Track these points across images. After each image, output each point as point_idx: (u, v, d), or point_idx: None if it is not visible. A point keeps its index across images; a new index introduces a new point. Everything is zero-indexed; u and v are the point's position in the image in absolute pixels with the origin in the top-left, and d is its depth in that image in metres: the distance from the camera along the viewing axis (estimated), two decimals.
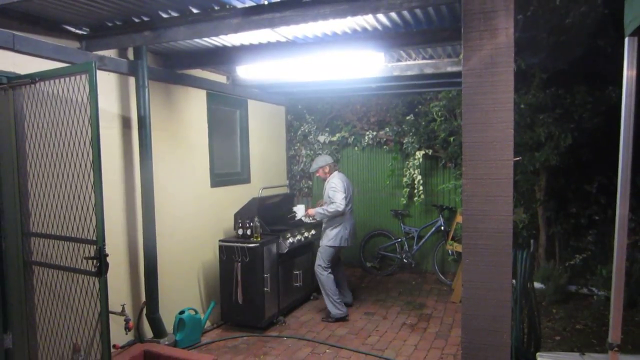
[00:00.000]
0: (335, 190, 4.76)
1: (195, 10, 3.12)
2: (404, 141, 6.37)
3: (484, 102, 2.16)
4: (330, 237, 4.81)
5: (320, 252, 4.86)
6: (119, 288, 3.78)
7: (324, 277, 4.76)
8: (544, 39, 4.65)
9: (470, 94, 2.19)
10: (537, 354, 2.88)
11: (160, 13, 3.17)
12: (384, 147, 6.69)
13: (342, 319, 4.77)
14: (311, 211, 4.98)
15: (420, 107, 6.23)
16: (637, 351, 3.70)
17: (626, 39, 2.01)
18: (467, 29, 2.16)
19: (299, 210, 5.35)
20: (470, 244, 2.24)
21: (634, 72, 2.01)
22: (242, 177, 5.63)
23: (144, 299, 3.98)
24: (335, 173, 4.99)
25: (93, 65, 2.74)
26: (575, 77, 4.90)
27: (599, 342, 4.02)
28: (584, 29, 4.41)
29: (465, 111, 2.21)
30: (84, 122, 2.85)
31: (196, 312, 4.30)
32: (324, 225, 4.96)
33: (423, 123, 6.17)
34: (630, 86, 2.01)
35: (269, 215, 5.02)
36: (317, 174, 5.06)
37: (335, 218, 4.82)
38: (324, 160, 5.04)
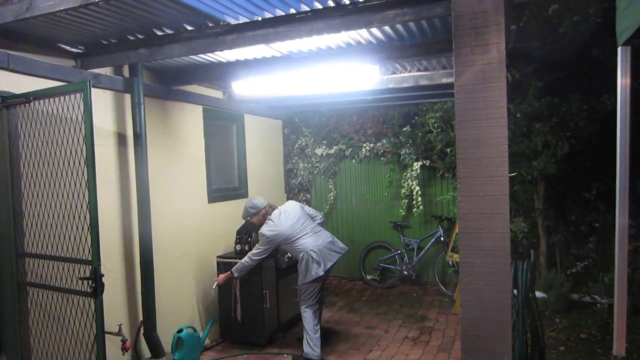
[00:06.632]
0: (261, 236, 4.12)
1: (189, 28, 3.13)
2: (401, 152, 6.36)
3: (477, 118, 2.12)
4: (302, 274, 4.13)
5: (303, 291, 4.19)
6: (116, 307, 3.73)
7: (309, 313, 4.17)
8: (538, 49, 4.69)
9: (463, 110, 2.15)
10: None
11: (155, 31, 3.18)
12: (382, 158, 6.68)
13: None
14: (220, 277, 4.28)
15: (416, 118, 6.24)
16: None
17: (619, 49, 2.01)
18: (458, 44, 2.14)
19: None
20: (467, 262, 2.17)
21: (628, 81, 2.01)
22: (239, 192, 5.60)
23: (141, 317, 3.92)
24: (273, 214, 4.21)
25: (87, 84, 2.74)
26: (570, 85, 4.92)
27: (604, 352, 3.97)
28: (577, 38, 4.45)
29: (458, 127, 2.17)
30: (79, 140, 2.84)
31: (195, 330, 4.23)
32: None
33: (420, 134, 6.17)
34: (624, 94, 2.01)
35: None
36: (252, 220, 4.41)
37: (291, 252, 4.21)
38: (254, 205, 4.30)
